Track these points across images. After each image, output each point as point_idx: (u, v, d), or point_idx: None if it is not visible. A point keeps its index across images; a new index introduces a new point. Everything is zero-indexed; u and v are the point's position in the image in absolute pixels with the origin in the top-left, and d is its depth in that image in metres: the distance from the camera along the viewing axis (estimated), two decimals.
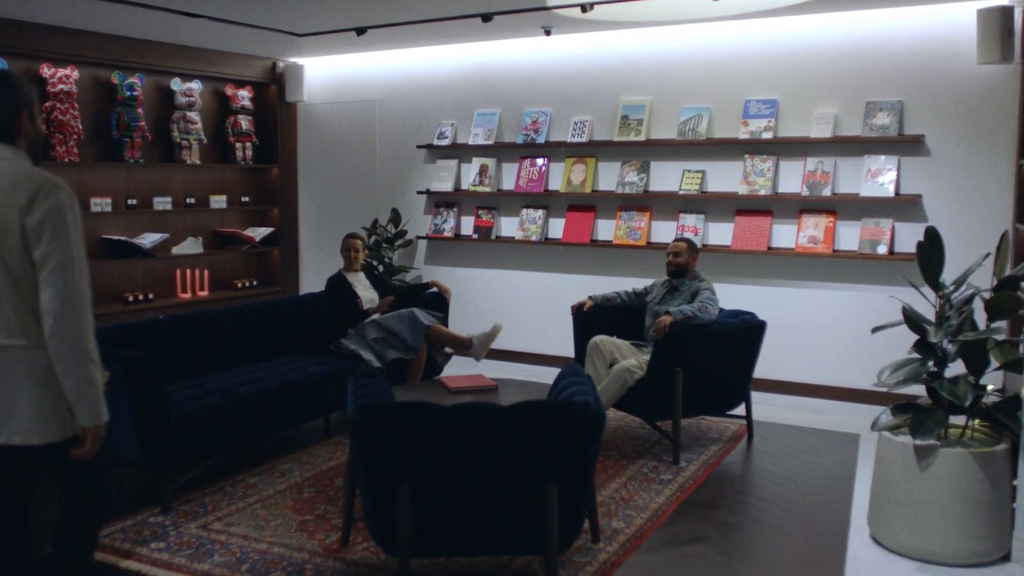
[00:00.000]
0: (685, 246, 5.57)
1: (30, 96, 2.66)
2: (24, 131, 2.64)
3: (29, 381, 2.53)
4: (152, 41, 7.52)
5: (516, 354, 7.80)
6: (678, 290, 5.52)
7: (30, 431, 2.54)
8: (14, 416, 2.53)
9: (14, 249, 2.49)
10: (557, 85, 7.48)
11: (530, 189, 7.53)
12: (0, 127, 2.58)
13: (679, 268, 5.54)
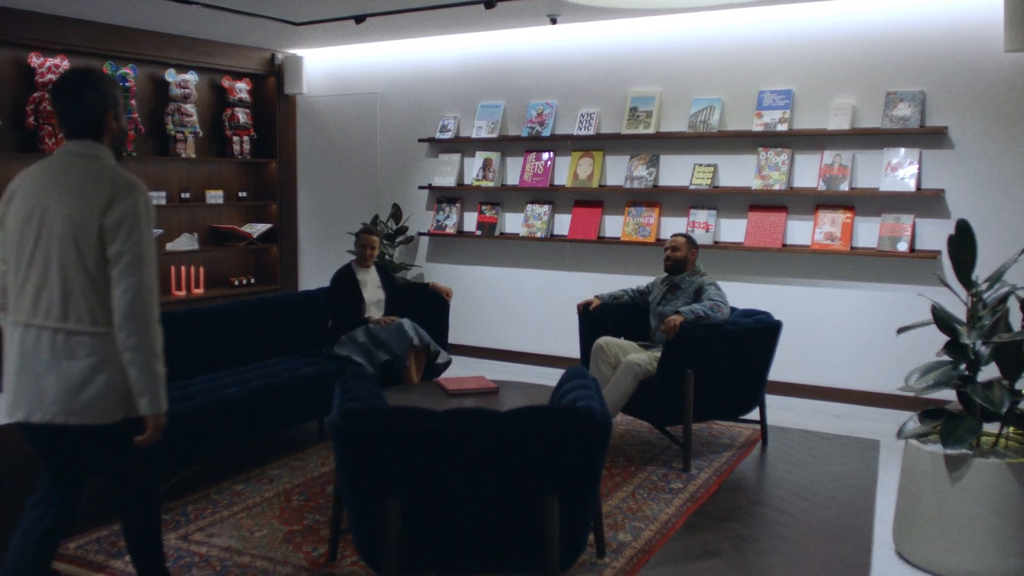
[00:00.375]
0: (684, 240, 5.29)
1: (116, 96, 2.81)
2: (110, 130, 2.79)
3: (92, 365, 2.66)
4: (145, 30, 7.29)
5: (520, 355, 7.54)
6: (680, 288, 5.25)
7: (89, 412, 2.68)
8: (75, 398, 2.66)
9: (91, 244, 2.63)
10: (563, 76, 7.22)
11: (535, 184, 7.27)
12: (88, 125, 2.73)
13: (677, 263, 5.25)
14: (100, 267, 2.64)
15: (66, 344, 2.65)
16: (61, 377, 2.66)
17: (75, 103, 2.72)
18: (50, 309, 2.65)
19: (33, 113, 6.69)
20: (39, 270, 2.67)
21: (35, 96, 6.69)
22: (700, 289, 5.13)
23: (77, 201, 2.64)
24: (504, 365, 7.47)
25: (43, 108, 6.69)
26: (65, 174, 2.70)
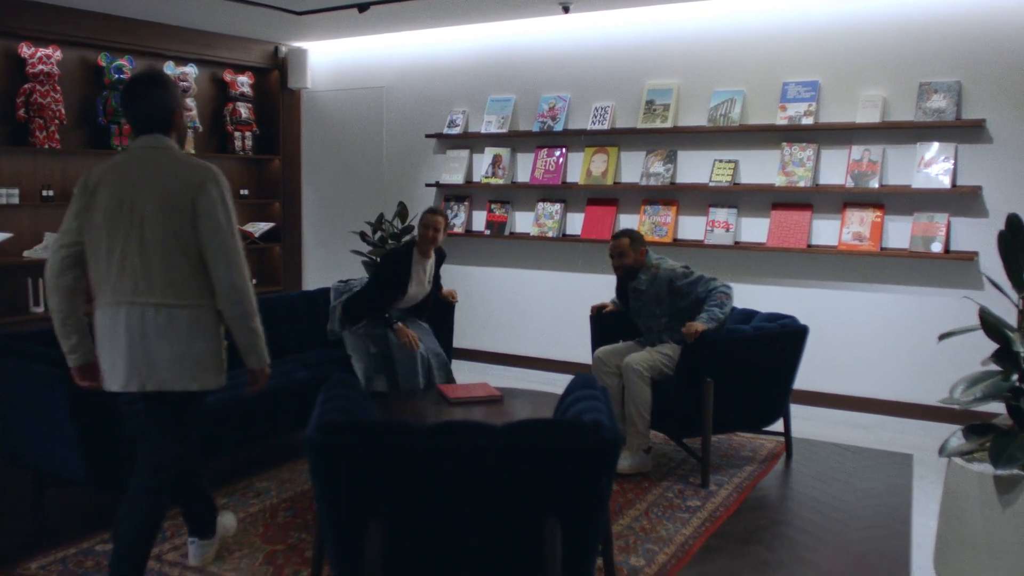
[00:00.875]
0: (627, 243, 4.79)
1: (180, 95, 3.12)
2: (177, 125, 3.05)
3: (192, 336, 2.93)
4: (143, 20, 7.01)
5: (530, 360, 7.21)
6: (645, 293, 4.78)
7: (192, 379, 2.96)
8: (180, 366, 2.93)
9: (183, 225, 2.89)
10: (576, 68, 6.89)
11: (547, 181, 6.94)
12: (158, 121, 2.99)
13: (627, 271, 4.83)
14: (193, 246, 2.90)
15: (169, 318, 2.90)
16: (167, 348, 2.91)
17: (147, 101, 2.97)
18: (151, 288, 2.88)
19: (24, 105, 6.42)
20: (137, 254, 2.88)
21: (26, 87, 6.42)
22: (672, 289, 4.68)
23: (166, 188, 2.89)
24: (512, 371, 7.15)
25: (34, 100, 6.41)
26: (146, 165, 2.93)
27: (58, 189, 6.69)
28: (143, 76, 3.03)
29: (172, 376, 2.94)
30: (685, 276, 4.70)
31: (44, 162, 6.66)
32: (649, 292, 4.77)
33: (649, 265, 4.80)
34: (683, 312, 4.68)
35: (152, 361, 2.91)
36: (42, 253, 6.50)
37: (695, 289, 4.65)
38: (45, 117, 6.47)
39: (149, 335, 2.89)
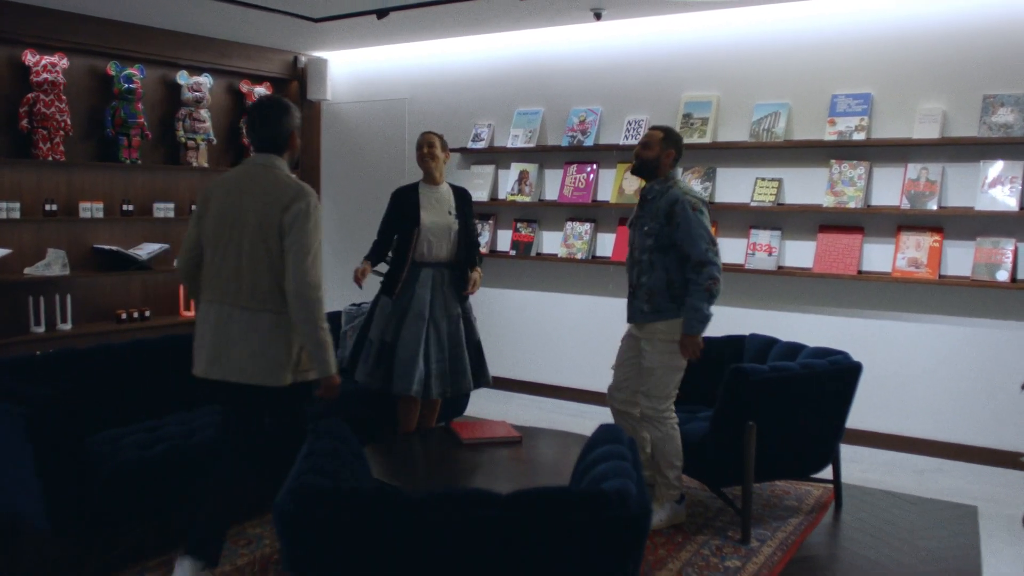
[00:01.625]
0: (659, 136, 4.15)
1: (298, 120, 3.43)
2: (293, 147, 3.42)
3: (270, 339, 3.26)
4: (154, 28, 6.70)
5: (557, 389, 6.77)
6: (646, 200, 4.16)
7: (266, 375, 3.28)
8: (256, 363, 3.26)
9: (272, 238, 3.23)
10: (608, 79, 6.47)
11: (576, 199, 6.52)
12: (275, 142, 3.36)
13: (644, 164, 4.17)
14: (279, 257, 3.23)
15: (251, 320, 3.25)
16: (246, 347, 3.25)
17: (268, 124, 3.34)
18: (239, 291, 3.26)
19: (27, 115, 6.12)
20: (233, 260, 3.26)
21: (29, 97, 6.11)
22: (671, 212, 3.98)
23: (263, 203, 3.23)
24: (539, 401, 6.72)
25: (38, 110, 6.11)
26: (252, 181, 3.30)
27: (62, 203, 6.38)
28: (268, 100, 3.43)
29: (247, 371, 3.26)
30: (687, 222, 3.94)
31: (48, 175, 6.36)
32: (653, 206, 4.08)
33: (669, 177, 4.15)
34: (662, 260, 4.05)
35: (231, 356, 3.27)
36: (43, 270, 6.19)
37: (685, 253, 3.98)
38: (49, 128, 6.16)
39: (232, 333, 3.26)
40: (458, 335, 4.70)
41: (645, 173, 4.21)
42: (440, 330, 4.69)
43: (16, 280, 6.10)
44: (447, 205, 4.80)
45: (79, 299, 6.51)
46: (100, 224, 6.64)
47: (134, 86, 6.60)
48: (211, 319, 3.32)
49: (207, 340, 3.33)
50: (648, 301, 4.10)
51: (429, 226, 4.67)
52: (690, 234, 3.94)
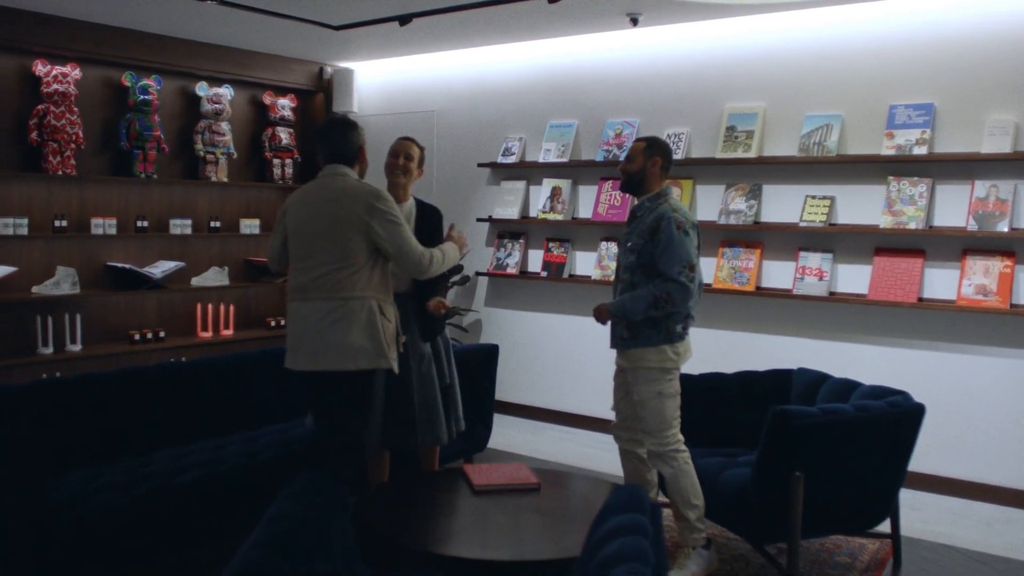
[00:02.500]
0: (642, 146, 3.89)
1: (363, 136, 3.84)
2: (360, 160, 3.80)
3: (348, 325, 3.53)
4: (172, 37, 6.44)
5: (588, 420, 6.34)
6: (635, 219, 3.91)
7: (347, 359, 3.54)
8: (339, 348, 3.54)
9: (352, 236, 3.56)
10: (646, 90, 6.05)
11: (611, 218, 6.11)
12: (347, 156, 3.73)
13: (630, 178, 3.91)
14: (359, 253, 3.56)
15: (331, 311, 3.54)
16: (329, 336, 3.53)
17: (339, 140, 3.72)
18: (320, 287, 3.56)
19: (36, 128, 5.87)
20: (313, 259, 3.59)
21: (39, 108, 5.87)
22: (656, 227, 3.72)
23: (339, 206, 3.58)
24: (568, 433, 6.29)
25: (48, 123, 5.87)
26: (324, 190, 3.66)
27: (73, 219, 6.13)
28: (337, 118, 3.82)
29: (332, 358, 3.52)
30: (668, 239, 3.67)
31: (59, 189, 6.10)
32: (642, 222, 3.81)
33: (661, 193, 3.86)
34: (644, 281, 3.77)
35: (315, 347, 3.55)
36: (52, 289, 5.93)
37: (659, 271, 3.71)
38: (60, 141, 5.91)
39: (313, 325, 3.54)
40: (429, 377, 4.11)
41: (633, 188, 3.96)
42: (406, 372, 4.03)
43: (24, 299, 5.85)
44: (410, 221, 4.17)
45: (90, 319, 6.24)
46: (113, 241, 6.37)
47: (150, 97, 6.33)
48: (295, 315, 3.61)
49: (294, 335, 3.62)
50: (628, 326, 3.81)
51: None
52: (668, 251, 3.69)
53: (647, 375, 3.78)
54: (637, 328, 3.78)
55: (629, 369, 3.86)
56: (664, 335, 3.77)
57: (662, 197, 3.86)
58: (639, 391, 3.81)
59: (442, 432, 4.13)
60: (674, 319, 3.78)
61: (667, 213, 3.74)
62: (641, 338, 3.78)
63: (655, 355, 3.77)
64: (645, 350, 3.78)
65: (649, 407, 3.78)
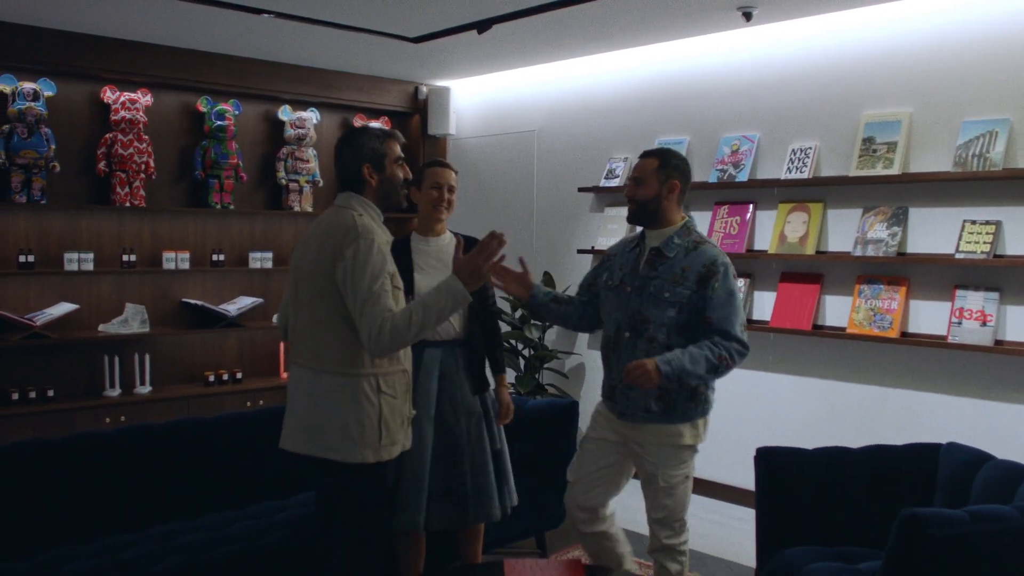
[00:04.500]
0: (654, 164, 3.17)
1: (372, 149, 2.91)
2: (371, 182, 2.89)
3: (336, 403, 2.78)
4: (252, 59, 6.02)
5: (701, 483, 5.42)
6: (663, 259, 3.11)
7: (331, 448, 2.77)
8: (321, 432, 2.78)
9: (328, 289, 2.76)
10: (767, 98, 5.15)
11: (726, 249, 5.20)
12: (346, 179, 2.91)
13: (641, 208, 3.17)
14: (339, 311, 2.76)
15: (316, 382, 2.80)
16: (311, 412, 2.81)
17: (337, 162, 2.93)
18: (305, 349, 2.83)
19: (104, 157, 5.56)
20: (300, 314, 2.88)
21: (107, 137, 5.57)
22: (707, 275, 3.04)
23: (318, 250, 2.80)
24: None
25: (115, 152, 5.55)
26: (319, 224, 2.90)
27: (146, 253, 5.79)
28: (340, 137, 3.01)
29: (313, 442, 2.81)
30: (728, 292, 3.04)
31: (129, 222, 5.78)
32: (672, 267, 3.08)
33: (688, 227, 3.19)
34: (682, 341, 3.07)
35: (298, 423, 2.86)
36: (120, 327, 5.59)
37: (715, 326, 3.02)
38: (128, 171, 5.59)
39: (299, 397, 2.86)
40: (480, 441, 3.44)
41: (646, 220, 3.21)
42: (454, 435, 3.41)
43: (90, 338, 5.53)
44: (449, 262, 3.42)
45: (162, 359, 5.87)
46: (187, 276, 6.00)
47: (226, 123, 5.93)
48: (290, 381, 2.96)
49: (288, 406, 2.97)
50: (660, 397, 3.08)
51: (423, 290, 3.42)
52: (730, 306, 3.03)
53: (678, 456, 3.11)
54: (673, 399, 3.04)
55: (649, 447, 3.15)
56: (702, 407, 3.15)
57: (694, 230, 3.17)
58: (666, 476, 3.12)
59: (494, 507, 3.44)
60: (710, 386, 3.17)
61: (718, 256, 3.09)
62: (677, 411, 3.06)
63: (690, 432, 3.13)
64: (681, 426, 3.08)
65: (676, 495, 3.16)
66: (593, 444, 3.30)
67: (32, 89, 5.22)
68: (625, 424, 3.18)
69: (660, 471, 3.13)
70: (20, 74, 5.28)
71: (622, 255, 3.28)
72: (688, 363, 2.95)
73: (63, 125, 5.50)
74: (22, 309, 5.37)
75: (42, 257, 5.43)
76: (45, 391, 5.36)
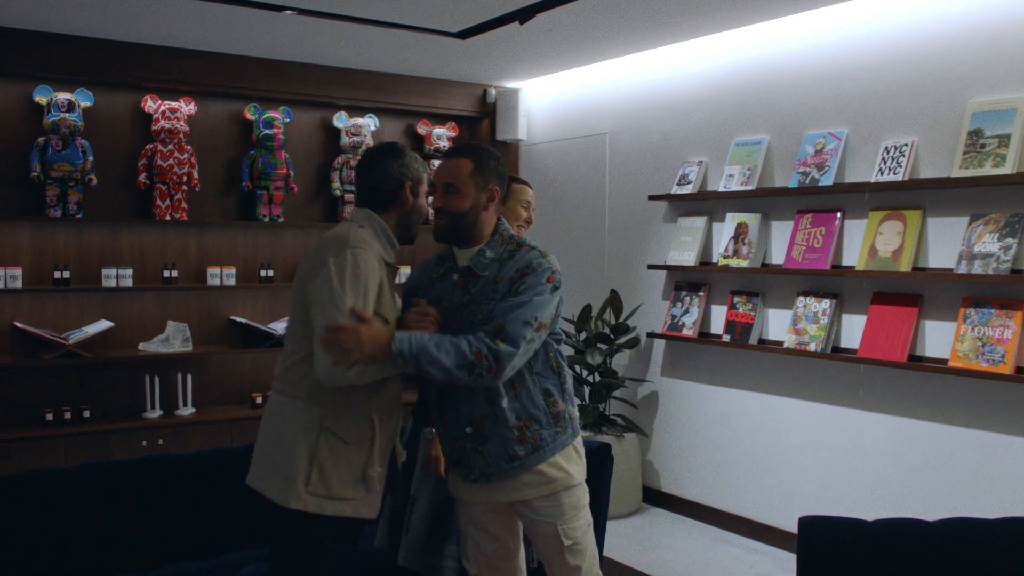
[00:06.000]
0: (468, 167, 2.54)
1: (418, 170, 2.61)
2: (404, 201, 2.57)
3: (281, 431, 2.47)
4: (303, 63, 5.69)
5: (778, 534, 4.69)
6: (475, 278, 2.55)
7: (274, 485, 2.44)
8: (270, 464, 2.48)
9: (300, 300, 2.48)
10: (856, 88, 4.39)
11: (808, 265, 4.49)
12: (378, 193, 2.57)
13: (455, 221, 2.55)
14: (304, 324, 2.45)
15: (281, 407, 2.49)
16: (260, 436, 2.54)
17: (370, 171, 2.60)
18: (284, 375, 2.52)
19: (145, 169, 5.35)
20: (287, 338, 2.58)
21: (148, 148, 5.35)
22: (521, 276, 2.49)
23: (307, 265, 2.51)
24: (752, 548, 4.69)
25: (156, 163, 5.32)
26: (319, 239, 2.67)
27: (191, 269, 5.55)
28: (374, 149, 2.69)
29: (258, 473, 2.51)
30: (535, 290, 2.45)
31: (173, 236, 5.54)
32: (486, 285, 2.52)
33: (500, 235, 2.60)
34: (530, 365, 2.57)
35: (256, 455, 2.56)
36: (161, 346, 5.35)
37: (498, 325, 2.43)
38: (169, 183, 5.35)
39: (263, 426, 2.56)
40: None
41: (459, 237, 2.59)
42: None
43: (131, 356, 5.31)
44: None
45: (206, 379, 5.61)
46: (234, 293, 5.72)
47: (273, 131, 5.62)
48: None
49: None
50: (523, 439, 2.52)
51: None
52: (525, 307, 2.42)
53: (574, 500, 2.59)
54: (537, 434, 2.51)
55: (536, 504, 2.56)
56: (571, 427, 2.61)
57: (508, 239, 2.59)
58: (568, 531, 2.56)
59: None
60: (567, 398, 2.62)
61: (535, 259, 2.51)
62: (546, 444, 2.53)
63: (574, 464, 2.61)
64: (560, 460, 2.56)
65: (586, 547, 2.61)
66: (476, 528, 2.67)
67: (67, 100, 5.04)
68: (489, 487, 2.56)
69: (559, 527, 2.55)
70: (59, 85, 5.12)
71: (430, 286, 2.63)
72: (431, 345, 2.34)
73: (104, 136, 5.32)
74: (61, 327, 5.21)
75: (81, 273, 5.26)
76: (81, 412, 5.18)
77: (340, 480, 2.42)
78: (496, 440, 2.50)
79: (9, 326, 5.09)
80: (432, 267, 2.68)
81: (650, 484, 5.44)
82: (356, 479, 2.45)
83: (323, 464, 2.40)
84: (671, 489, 5.34)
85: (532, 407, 2.52)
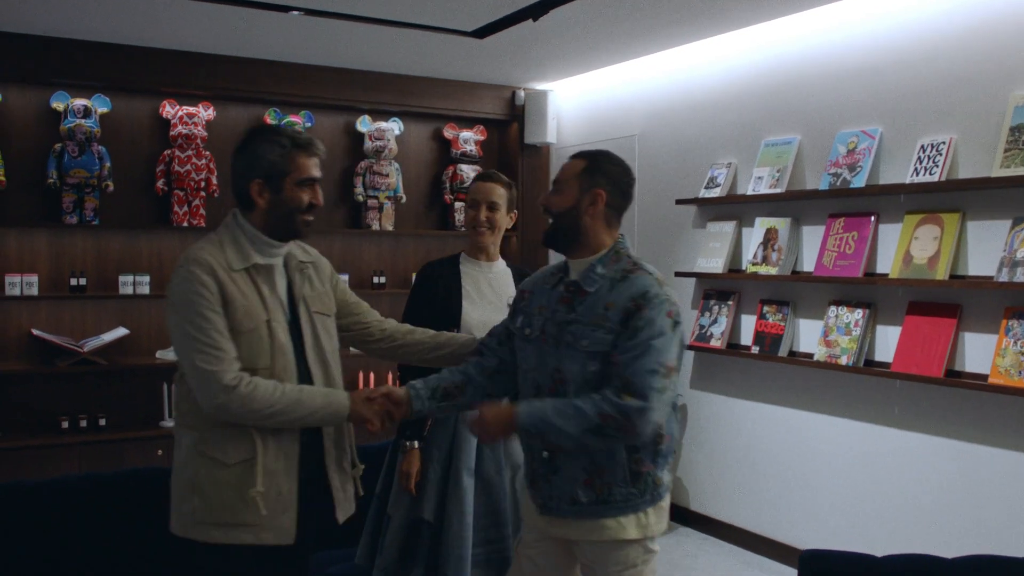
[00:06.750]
0: (579, 167, 2.35)
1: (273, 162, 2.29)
2: (258, 203, 2.32)
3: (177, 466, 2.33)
4: (324, 67, 5.59)
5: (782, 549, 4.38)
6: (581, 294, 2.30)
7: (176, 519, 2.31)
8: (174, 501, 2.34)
9: None
10: (892, 83, 4.09)
11: (840, 272, 4.20)
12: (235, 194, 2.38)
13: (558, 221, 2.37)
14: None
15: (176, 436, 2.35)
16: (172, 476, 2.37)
17: (232, 171, 2.38)
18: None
19: (163, 175, 5.29)
20: None
21: (166, 154, 5.30)
22: (634, 310, 2.20)
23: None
24: (779, 572, 4.41)
25: (174, 169, 5.26)
26: None
27: None
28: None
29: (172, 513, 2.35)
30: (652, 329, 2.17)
31: (190, 243, 5.37)
32: (593, 303, 2.28)
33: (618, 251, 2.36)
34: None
35: None
36: (173, 355, 5.27)
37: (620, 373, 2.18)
38: (186, 189, 5.29)
39: None
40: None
41: (562, 241, 2.38)
42: (495, 489, 2.88)
43: (148, 364, 5.27)
44: (503, 294, 3.00)
45: None
46: None
47: None
48: None
49: None
50: (591, 485, 2.27)
51: (476, 325, 2.87)
52: (648, 352, 2.16)
53: (622, 556, 2.28)
54: (608, 485, 2.24)
55: (584, 546, 2.33)
56: (651, 492, 2.29)
57: (624, 257, 2.35)
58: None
59: None
60: (660, 461, 2.29)
61: (650, 287, 2.24)
62: (615, 502, 2.26)
63: (635, 525, 2.27)
64: (627, 519, 2.27)
65: None
66: (531, 547, 2.46)
67: (83, 106, 5.01)
68: (549, 520, 2.35)
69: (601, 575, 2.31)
70: (77, 91, 5.10)
71: (540, 294, 2.43)
72: (552, 414, 2.16)
73: (122, 142, 5.29)
74: (78, 334, 5.18)
75: (98, 280, 5.22)
76: (97, 420, 5.13)
77: (224, 505, 2.23)
78: (565, 475, 2.28)
79: (26, 333, 5.07)
80: (548, 275, 2.47)
81: (679, 502, 5.19)
82: (242, 502, 2.23)
83: (203, 490, 2.24)
84: (700, 508, 5.08)
85: (608, 458, 2.25)
